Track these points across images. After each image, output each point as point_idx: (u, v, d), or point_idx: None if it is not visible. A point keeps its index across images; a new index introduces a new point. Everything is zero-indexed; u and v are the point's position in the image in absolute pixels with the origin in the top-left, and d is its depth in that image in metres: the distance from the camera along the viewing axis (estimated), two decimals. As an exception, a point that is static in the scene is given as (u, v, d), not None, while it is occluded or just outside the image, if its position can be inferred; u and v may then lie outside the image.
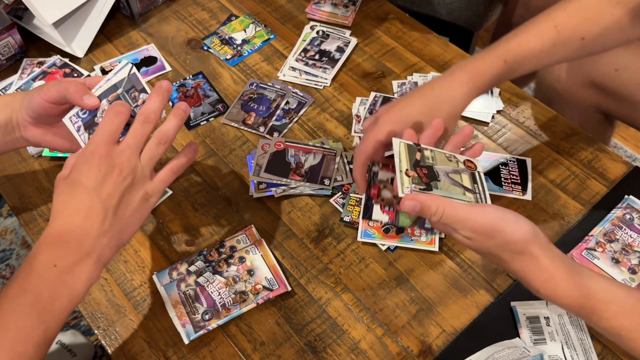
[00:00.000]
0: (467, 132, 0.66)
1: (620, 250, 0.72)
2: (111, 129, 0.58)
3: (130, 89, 0.64)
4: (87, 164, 0.56)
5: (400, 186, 0.59)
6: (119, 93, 0.64)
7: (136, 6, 1.03)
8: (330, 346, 0.68)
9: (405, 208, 0.58)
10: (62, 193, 0.57)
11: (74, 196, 0.56)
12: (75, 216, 0.55)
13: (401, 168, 0.61)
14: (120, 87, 0.64)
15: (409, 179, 0.60)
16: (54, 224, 0.56)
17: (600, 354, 0.67)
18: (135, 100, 0.64)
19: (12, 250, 1.54)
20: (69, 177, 0.57)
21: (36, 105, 0.65)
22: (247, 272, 0.72)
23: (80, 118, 0.63)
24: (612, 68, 0.94)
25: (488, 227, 0.57)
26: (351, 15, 1.04)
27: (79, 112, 0.63)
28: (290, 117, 0.90)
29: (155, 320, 0.70)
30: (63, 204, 0.56)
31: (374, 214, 0.70)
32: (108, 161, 0.56)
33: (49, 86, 0.64)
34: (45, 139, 0.69)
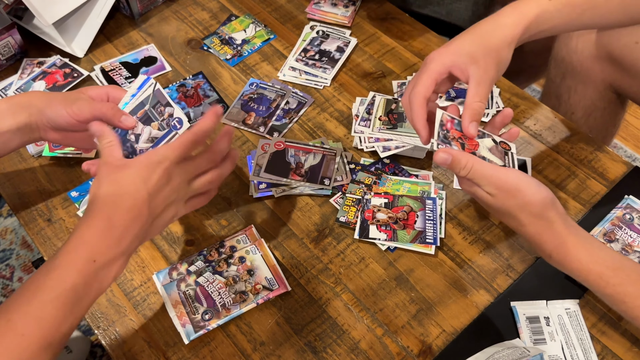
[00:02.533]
0: (507, 113, 0.67)
1: (621, 250, 0.72)
2: (182, 152, 0.60)
3: (156, 104, 0.66)
4: (151, 172, 0.58)
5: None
6: (146, 109, 0.66)
7: (136, 6, 1.03)
8: (330, 346, 0.68)
9: (438, 159, 0.61)
10: (115, 183, 0.57)
11: (130, 194, 0.57)
12: (126, 214, 0.56)
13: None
14: (147, 104, 0.66)
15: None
16: (101, 212, 0.56)
17: (600, 354, 0.67)
18: (162, 114, 0.66)
19: (12, 250, 1.54)
20: (127, 171, 0.57)
21: (62, 122, 0.66)
22: (247, 272, 0.72)
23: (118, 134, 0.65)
24: (632, 40, 0.92)
25: (511, 186, 0.60)
26: (351, 15, 1.04)
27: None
28: (290, 117, 0.90)
29: (155, 320, 0.70)
30: (117, 196, 0.57)
31: (371, 233, 0.73)
32: (168, 177, 0.59)
33: (79, 106, 0.65)
34: (67, 141, 0.71)
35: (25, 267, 1.51)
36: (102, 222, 0.56)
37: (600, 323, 0.69)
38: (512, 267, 0.74)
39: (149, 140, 0.66)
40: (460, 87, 0.92)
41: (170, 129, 0.66)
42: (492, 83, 0.66)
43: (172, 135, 0.66)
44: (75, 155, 0.84)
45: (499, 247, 0.76)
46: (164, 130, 0.66)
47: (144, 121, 0.66)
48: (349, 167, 0.83)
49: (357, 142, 0.85)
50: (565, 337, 0.67)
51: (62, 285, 0.53)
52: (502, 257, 0.75)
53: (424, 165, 0.84)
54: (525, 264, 0.74)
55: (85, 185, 0.82)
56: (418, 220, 0.76)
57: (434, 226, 0.76)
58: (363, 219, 0.77)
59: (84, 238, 0.55)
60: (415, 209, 0.77)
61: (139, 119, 0.66)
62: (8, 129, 0.67)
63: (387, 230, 0.75)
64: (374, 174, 0.82)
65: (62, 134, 0.69)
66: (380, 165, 0.83)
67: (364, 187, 0.80)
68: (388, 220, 0.76)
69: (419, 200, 0.78)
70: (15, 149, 0.70)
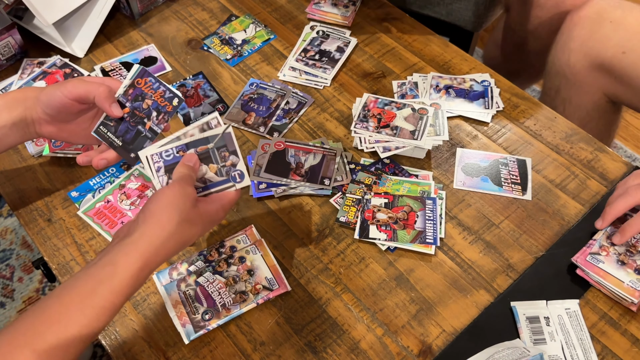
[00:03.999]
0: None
1: (625, 252, 0.72)
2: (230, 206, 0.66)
3: (222, 147, 0.65)
4: (209, 227, 0.64)
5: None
6: (209, 148, 0.65)
7: (136, 6, 1.03)
8: (330, 346, 0.68)
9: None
10: (181, 227, 0.59)
11: (185, 242, 0.60)
12: (180, 245, 0.60)
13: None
14: (213, 143, 0.65)
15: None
16: (153, 248, 0.57)
17: (600, 354, 0.67)
18: (224, 159, 0.65)
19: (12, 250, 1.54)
20: (194, 224, 0.61)
21: (57, 102, 0.66)
22: (247, 272, 0.72)
23: (162, 159, 0.64)
24: (619, 50, 0.95)
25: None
26: (351, 15, 1.04)
27: (163, 153, 0.64)
28: (290, 117, 0.90)
29: (155, 320, 0.70)
30: (174, 241, 0.59)
31: (371, 232, 0.73)
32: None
33: (73, 84, 0.66)
34: (62, 135, 0.71)
35: (25, 267, 1.51)
36: (148, 264, 0.57)
37: (600, 323, 0.69)
38: (512, 267, 0.74)
39: (200, 180, 0.64)
40: (460, 87, 0.92)
41: (228, 178, 0.65)
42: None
43: (227, 185, 0.65)
44: (75, 155, 0.84)
45: (499, 247, 0.76)
46: (221, 177, 0.65)
47: (203, 159, 0.64)
48: (349, 167, 0.83)
49: (357, 142, 0.85)
50: (565, 337, 0.67)
51: (95, 324, 0.54)
52: (502, 257, 0.75)
53: (424, 165, 0.84)
54: (525, 264, 0.74)
55: (85, 185, 0.82)
56: (418, 220, 0.76)
57: (434, 226, 0.76)
58: (363, 219, 0.77)
59: (125, 276, 0.55)
60: (415, 209, 0.77)
61: (199, 154, 0.64)
62: (4, 124, 0.67)
63: (387, 230, 0.75)
64: (374, 174, 0.82)
65: (58, 126, 0.69)
66: (380, 165, 0.83)
67: (364, 187, 0.80)
68: (388, 220, 0.76)
69: (419, 200, 0.78)
70: (12, 145, 0.70)
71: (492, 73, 0.95)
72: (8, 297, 1.45)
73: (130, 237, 0.57)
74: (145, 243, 0.57)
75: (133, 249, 0.56)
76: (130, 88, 0.67)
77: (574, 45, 1.01)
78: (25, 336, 0.51)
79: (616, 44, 0.95)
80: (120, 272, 0.55)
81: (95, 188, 0.82)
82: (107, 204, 0.80)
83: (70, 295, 0.54)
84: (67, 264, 0.75)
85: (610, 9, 0.97)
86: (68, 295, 0.54)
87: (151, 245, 0.57)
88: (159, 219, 0.58)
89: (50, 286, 1.47)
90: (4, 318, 1.42)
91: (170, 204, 0.59)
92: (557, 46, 1.05)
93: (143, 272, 0.56)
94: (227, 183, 0.65)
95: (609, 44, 0.96)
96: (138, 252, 0.56)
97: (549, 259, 0.74)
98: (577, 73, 1.03)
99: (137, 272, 0.55)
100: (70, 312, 0.52)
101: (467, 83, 0.93)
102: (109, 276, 0.55)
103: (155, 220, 0.58)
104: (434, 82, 0.93)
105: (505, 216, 0.79)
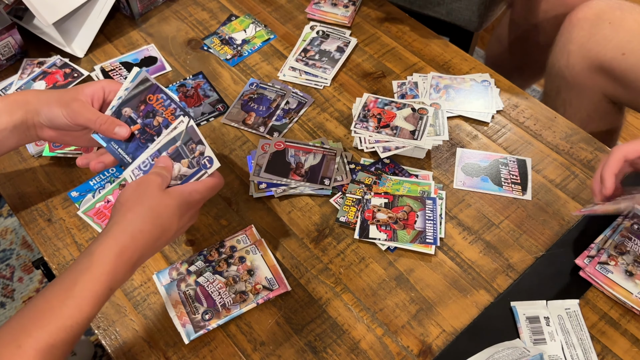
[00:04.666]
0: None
1: (633, 263, 0.71)
2: (212, 195, 0.67)
3: (188, 141, 0.67)
4: (187, 209, 0.64)
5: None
6: (178, 146, 0.67)
7: (136, 6, 1.03)
8: (330, 346, 0.68)
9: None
10: (153, 211, 0.61)
11: (164, 227, 0.61)
12: (151, 246, 0.60)
13: None
14: (179, 140, 0.67)
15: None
16: (128, 236, 0.58)
17: (600, 354, 0.67)
18: (193, 151, 0.67)
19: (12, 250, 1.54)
20: (168, 202, 0.62)
21: (59, 123, 0.68)
22: (247, 272, 0.72)
23: (142, 171, 0.67)
24: (619, 52, 0.94)
25: None
26: (351, 15, 1.04)
27: (141, 165, 0.67)
28: (290, 117, 0.90)
29: (155, 320, 0.70)
30: (151, 224, 0.60)
31: (371, 232, 0.73)
32: (195, 213, 0.67)
33: (75, 110, 0.66)
34: (64, 139, 0.72)
35: (25, 267, 1.51)
36: (125, 250, 0.58)
37: (600, 323, 0.69)
38: (512, 267, 0.74)
39: (177, 177, 0.66)
40: (460, 87, 0.92)
41: (200, 167, 0.66)
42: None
43: (201, 174, 0.66)
44: (75, 155, 0.84)
45: (499, 247, 0.76)
46: (194, 169, 0.66)
47: (174, 158, 0.67)
48: (349, 167, 0.83)
49: (357, 142, 0.85)
50: (565, 337, 0.67)
51: (78, 314, 0.54)
52: (502, 257, 0.75)
53: (424, 165, 0.84)
54: (525, 264, 0.74)
55: (85, 185, 0.82)
56: (418, 220, 0.76)
57: (434, 226, 0.76)
58: (363, 219, 0.77)
59: (103, 261, 0.56)
60: (415, 209, 0.77)
61: (170, 154, 0.67)
62: (4, 127, 0.67)
63: (387, 230, 0.75)
64: (374, 174, 0.82)
65: (59, 132, 0.70)
66: (380, 165, 0.83)
67: (364, 187, 0.80)
68: (388, 220, 0.76)
69: (419, 200, 0.78)
70: (12, 148, 0.70)
71: (492, 73, 0.95)
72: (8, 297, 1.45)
73: (105, 228, 0.59)
74: (119, 229, 0.58)
75: (107, 237, 0.58)
76: (142, 104, 0.69)
77: (573, 47, 1.01)
78: (11, 334, 0.52)
79: (616, 45, 0.95)
80: (97, 261, 0.56)
81: (95, 188, 0.82)
82: (107, 204, 0.80)
83: (53, 291, 0.55)
84: (67, 264, 0.75)
85: (609, 10, 0.97)
86: (51, 291, 0.55)
87: (125, 231, 0.58)
88: (128, 206, 0.60)
89: (50, 286, 1.47)
90: (4, 318, 1.42)
91: (135, 191, 0.61)
92: (557, 48, 1.05)
93: (121, 258, 0.57)
94: (200, 172, 0.67)
95: (608, 46, 0.96)
96: (112, 239, 0.57)
97: (549, 259, 0.74)
98: (576, 75, 1.03)
99: (114, 259, 0.56)
100: (52, 305, 0.54)
101: (467, 83, 0.93)
102: (87, 266, 0.56)
103: (125, 208, 0.60)
104: (434, 82, 0.93)
105: (505, 216, 0.79)
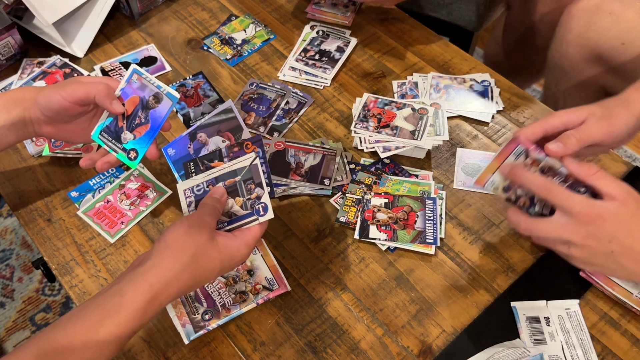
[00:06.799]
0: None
1: None
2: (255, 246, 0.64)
3: (249, 179, 0.63)
4: (230, 260, 0.60)
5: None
6: (236, 180, 0.63)
7: (136, 6, 1.03)
8: (330, 346, 0.68)
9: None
10: (201, 257, 0.57)
11: (205, 277, 0.58)
12: (195, 280, 0.57)
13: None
14: (240, 175, 0.63)
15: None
16: (170, 276, 0.56)
17: (600, 354, 0.67)
18: (250, 192, 0.63)
19: (12, 250, 1.54)
20: (214, 251, 0.58)
21: (56, 105, 0.66)
22: (247, 272, 0.72)
23: (194, 194, 0.64)
24: (619, 42, 0.94)
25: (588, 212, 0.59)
26: (351, 15, 1.04)
27: (194, 187, 0.64)
28: (290, 117, 0.90)
29: (155, 320, 0.70)
30: (194, 270, 0.57)
31: (371, 232, 0.73)
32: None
33: (72, 87, 0.66)
34: (61, 135, 0.71)
35: (25, 267, 1.51)
36: (158, 297, 0.55)
37: (601, 323, 0.69)
38: (512, 267, 0.74)
39: (226, 213, 0.63)
40: (460, 87, 0.92)
41: (252, 212, 0.62)
42: (594, 137, 0.64)
43: (252, 219, 0.62)
44: (75, 155, 0.84)
45: (499, 247, 0.76)
46: (246, 211, 0.63)
47: (230, 192, 0.63)
48: (349, 167, 0.83)
49: (357, 142, 0.85)
50: (565, 337, 0.67)
51: (99, 358, 0.52)
52: (502, 257, 0.75)
53: (424, 165, 0.84)
54: (525, 264, 0.74)
55: (85, 185, 0.82)
56: (418, 220, 0.76)
57: (434, 226, 0.76)
58: (363, 219, 0.77)
59: (133, 308, 0.53)
60: (415, 209, 0.77)
61: (226, 187, 0.63)
62: (2, 124, 0.67)
63: (387, 231, 0.75)
64: (374, 174, 0.82)
65: (56, 126, 0.70)
66: (380, 165, 0.83)
67: (364, 187, 0.80)
68: (388, 220, 0.76)
69: (419, 200, 0.78)
70: (10, 145, 0.71)
71: (492, 73, 0.95)
72: (8, 297, 1.45)
73: (142, 267, 0.55)
74: (156, 274, 0.55)
75: (142, 280, 0.54)
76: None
77: (571, 37, 1.00)
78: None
79: (615, 35, 0.95)
80: (127, 305, 0.53)
81: (95, 188, 0.82)
82: (107, 204, 0.80)
83: (75, 327, 0.52)
84: (67, 264, 0.75)
85: (609, 1, 0.97)
86: (74, 326, 0.52)
87: (162, 277, 0.55)
88: (173, 250, 0.56)
89: (50, 286, 1.47)
90: (4, 318, 1.42)
91: (185, 234, 0.57)
92: (556, 39, 1.05)
93: (152, 305, 0.54)
94: (251, 217, 0.62)
95: (607, 35, 0.96)
96: (147, 284, 0.54)
97: (549, 259, 0.74)
98: (575, 65, 1.02)
99: (144, 305, 0.53)
100: (74, 345, 0.51)
101: (467, 83, 0.93)
102: (116, 308, 0.53)
103: (169, 252, 0.56)
104: (434, 82, 0.93)
105: (506, 216, 0.79)
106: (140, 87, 0.68)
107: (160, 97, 0.68)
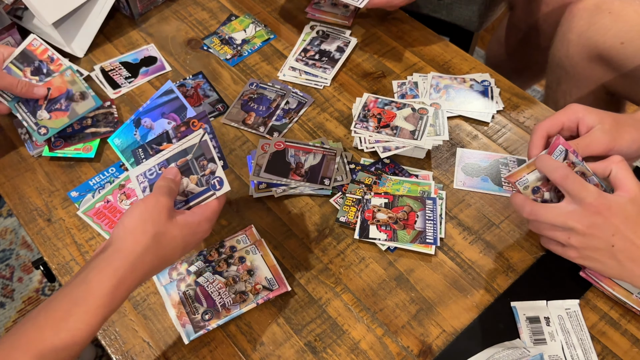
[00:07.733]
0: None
1: None
2: (215, 220, 0.65)
3: (200, 156, 0.64)
4: (192, 237, 0.61)
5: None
6: (188, 159, 0.64)
7: (136, 6, 1.03)
8: (330, 346, 0.68)
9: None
10: (160, 236, 0.58)
11: (168, 256, 0.60)
12: (160, 260, 0.59)
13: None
14: (190, 154, 0.64)
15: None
16: (131, 259, 0.56)
17: (600, 354, 0.67)
18: (203, 168, 0.63)
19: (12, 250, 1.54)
20: (174, 229, 0.59)
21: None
22: (247, 272, 0.72)
23: (147, 179, 0.64)
24: (618, 41, 0.95)
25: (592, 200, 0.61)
26: (351, 15, 1.04)
27: (147, 172, 0.64)
28: (290, 117, 0.90)
29: (155, 320, 0.70)
30: (156, 249, 0.58)
31: (371, 232, 0.73)
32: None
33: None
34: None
35: (25, 267, 1.51)
36: (124, 281, 0.55)
37: (601, 323, 0.69)
38: (512, 267, 0.74)
39: (183, 193, 0.63)
40: (460, 87, 0.92)
41: (208, 187, 0.63)
42: (594, 150, 0.65)
43: (208, 194, 0.63)
44: (75, 156, 0.84)
45: (499, 247, 0.76)
46: (202, 187, 0.63)
47: (183, 171, 0.63)
48: (349, 167, 0.83)
49: (357, 142, 0.85)
50: (565, 337, 0.67)
51: (72, 344, 0.52)
52: (502, 257, 0.75)
53: (424, 165, 0.84)
54: (525, 264, 0.74)
55: (85, 185, 0.82)
56: (418, 220, 0.76)
57: (434, 226, 0.76)
58: (363, 219, 0.77)
59: (99, 293, 0.54)
60: (415, 209, 0.77)
61: (179, 167, 0.63)
62: None
63: (387, 231, 0.75)
64: (374, 174, 0.82)
65: None
66: (380, 165, 0.83)
67: (364, 187, 0.80)
68: (388, 220, 0.76)
69: (419, 200, 0.78)
70: None
71: (492, 73, 0.95)
72: (8, 297, 1.45)
73: (104, 253, 0.56)
74: (120, 259, 0.55)
75: (106, 266, 0.55)
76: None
77: (572, 36, 1.01)
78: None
79: (615, 34, 0.95)
80: (94, 292, 0.53)
81: (95, 188, 0.82)
82: (107, 204, 0.80)
83: (45, 318, 0.52)
84: (67, 264, 0.75)
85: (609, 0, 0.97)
86: (44, 317, 0.53)
87: (126, 261, 0.55)
88: (133, 233, 0.57)
89: (50, 286, 1.47)
90: (4, 318, 1.42)
91: (143, 216, 0.58)
92: (557, 38, 1.05)
93: (118, 290, 0.54)
94: (207, 192, 0.63)
95: (607, 34, 0.96)
96: (112, 269, 0.54)
97: (549, 259, 0.74)
98: (575, 64, 1.03)
99: (111, 291, 0.54)
100: (44, 335, 0.51)
101: (467, 83, 0.93)
102: (83, 296, 0.53)
103: (129, 236, 0.57)
104: (434, 82, 0.93)
105: (506, 216, 0.79)
106: (72, 81, 0.79)
107: (86, 95, 0.75)
